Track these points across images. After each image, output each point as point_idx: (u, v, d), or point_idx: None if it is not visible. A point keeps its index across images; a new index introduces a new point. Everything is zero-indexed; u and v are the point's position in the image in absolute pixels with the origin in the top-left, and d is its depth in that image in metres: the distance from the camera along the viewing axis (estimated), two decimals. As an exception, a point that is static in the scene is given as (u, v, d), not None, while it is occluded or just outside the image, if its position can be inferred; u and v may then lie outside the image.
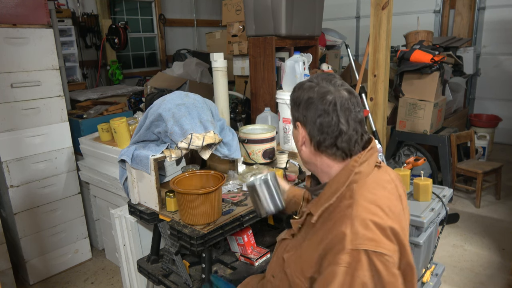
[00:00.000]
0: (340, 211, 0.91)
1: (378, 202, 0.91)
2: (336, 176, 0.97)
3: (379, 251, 0.83)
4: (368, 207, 0.89)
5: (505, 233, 3.01)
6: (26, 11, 2.32)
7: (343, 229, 0.85)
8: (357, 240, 0.83)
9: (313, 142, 0.99)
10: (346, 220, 0.87)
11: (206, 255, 1.51)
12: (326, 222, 0.93)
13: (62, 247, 2.68)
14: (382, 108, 2.66)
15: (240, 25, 3.54)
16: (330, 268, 0.84)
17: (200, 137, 1.61)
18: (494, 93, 5.34)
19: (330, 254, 0.86)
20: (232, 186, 1.83)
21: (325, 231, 0.91)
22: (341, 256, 0.83)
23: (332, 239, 0.87)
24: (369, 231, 0.85)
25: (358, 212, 0.87)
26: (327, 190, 0.97)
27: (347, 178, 0.94)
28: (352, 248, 0.83)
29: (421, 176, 1.79)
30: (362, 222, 0.86)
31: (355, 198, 0.91)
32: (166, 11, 6.64)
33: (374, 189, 0.94)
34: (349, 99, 0.96)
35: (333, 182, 0.97)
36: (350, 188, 0.93)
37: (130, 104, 4.00)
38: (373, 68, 2.56)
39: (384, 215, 0.89)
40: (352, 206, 0.89)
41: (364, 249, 0.82)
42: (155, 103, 1.70)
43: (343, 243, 0.84)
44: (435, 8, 5.58)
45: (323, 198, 0.97)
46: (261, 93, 2.72)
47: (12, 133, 2.35)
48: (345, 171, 0.96)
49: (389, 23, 2.47)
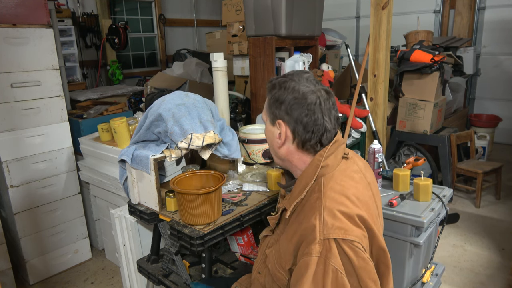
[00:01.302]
0: (310, 204, 0.95)
1: (345, 192, 0.95)
2: (305, 171, 1.01)
3: (348, 238, 0.87)
4: (335, 198, 0.93)
5: (505, 233, 3.01)
6: (26, 11, 2.32)
7: (313, 221, 0.90)
8: (326, 230, 0.88)
9: (296, 140, 1.01)
10: (315, 212, 0.91)
11: (206, 255, 1.51)
12: (298, 215, 0.98)
13: (62, 247, 2.68)
14: (382, 108, 2.66)
15: (240, 25, 3.54)
16: (303, 259, 0.88)
17: (200, 137, 1.61)
18: (494, 93, 5.34)
19: (303, 246, 0.90)
20: (232, 186, 1.83)
21: (297, 224, 0.96)
22: (312, 247, 0.87)
23: (304, 231, 0.91)
24: (337, 220, 0.89)
25: (325, 203, 0.92)
26: (297, 185, 1.01)
27: (315, 172, 0.98)
28: (322, 238, 0.87)
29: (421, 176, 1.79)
30: (330, 212, 0.90)
31: (322, 190, 0.95)
32: (166, 11, 6.64)
33: (341, 180, 0.98)
34: (329, 98, 1.01)
35: (302, 177, 1.01)
36: (318, 182, 0.98)
37: (130, 104, 3.99)
38: (373, 68, 2.56)
39: (351, 204, 0.94)
40: (320, 198, 0.94)
41: (334, 238, 0.87)
42: (155, 103, 1.70)
43: (314, 234, 0.88)
44: (435, 8, 5.58)
45: (294, 193, 1.01)
46: (261, 93, 2.72)
47: (12, 133, 2.35)
48: (312, 166, 1.00)
49: (389, 23, 2.47)
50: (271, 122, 1.05)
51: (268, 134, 1.08)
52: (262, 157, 2.06)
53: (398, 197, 1.69)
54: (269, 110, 1.05)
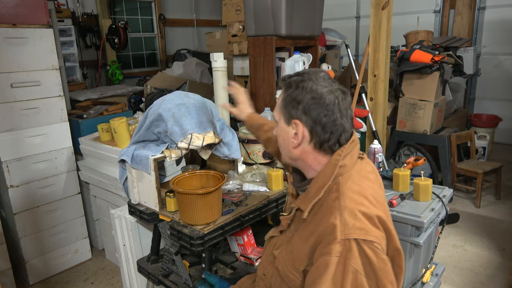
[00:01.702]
0: (328, 204, 0.94)
1: (363, 193, 0.95)
2: (322, 171, 1.00)
3: (368, 239, 0.86)
4: (355, 198, 0.93)
5: (505, 233, 3.01)
6: (26, 11, 2.32)
7: (333, 221, 0.89)
8: (347, 230, 0.87)
9: (314, 140, 0.99)
10: (335, 211, 0.90)
11: (206, 255, 1.51)
12: (316, 215, 0.96)
13: (62, 247, 2.68)
14: (382, 108, 2.66)
15: (240, 25, 3.54)
16: (322, 259, 0.86)
17: (200, 137, 1.61)
18: (494, 93, 5.33)
19: (321, 246, 0.89)
20: (232, 186, 1.83)
21: (314, 224, 0.94)
22: (332, 246, 0.86)
23: (323, 231, 0.90)
24: (358, 220, 0.88)
25: (345, 203, 0.91)
26: (314, 185, 1.00)
27: (333, 172, 0.97)
28: (343, 238, 0.86)
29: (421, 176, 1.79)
30: (351, 213, 0.89)
31: (341, 190, 0.94)
32: (166, 11, 6.64)
33: (359, 180, 0.98)
34: (345, 97, 1.00)
35: (319, 177, 0.99)
36: (336, 182, 0.97)
37: (130, 104, 3.99)
38: (373, 68, 2.56)
39: (370, 204, 0.93)
40: (339, 198, 0.92)
41: (354, 238, 0.86)
42: (155, 103, 1.70)
43: (334, 234, 0.87)
44: (435, 8, 5.58)
45: (311, 193, 0.99)
46: (261, 93, 2.72)
47: (12, 133, 2.35)
48: (330, 166, 0.99)
49: (389, 23, 2.47)
50: (286, 122, 1.02)
51: (282, 133, 1.05)
52: (262, 157, 2.06)
53: (398, 197, 1.69)
54: (284, 109, 1.02)
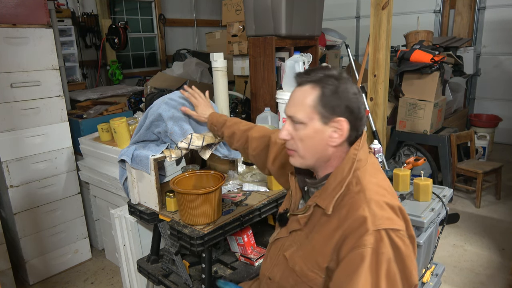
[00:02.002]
0: (351, 198, 0.95)
1: (381, 185, 0.98)
2: (340, 166, 0.99)
3: (395, 228, 0.90)
4: (377, 190, 0.95)
5: (505, 233, 3.01)
6: (26, 11, 2.32)
7: (362, 213, 0.90)
8: (377, 221, 0.89)
9: (351, 136, 0.99)
10: (361, 204, 0.92)
11: (206, 255, 1.51)
12: (339, 210, 0.96)
13: (62, 247, 2.68)
14: (382, 108, 2.66)
15: (240, 25, 3.54)
16: (356, 251, 0.87)
17: (200, 137, 1.61)
18: (494, 93, 5.33)
19: (350, 239, 0.90)
20: (232, 186, 1.83)
21: (339, 219, 0.95)
22: (365, 238, 0.87)
23: (351, 225, 0.91)
24: (385, 211, 0.92)
25: (370, 195, 0.93)
26: (332, 180, 0.99)
27: (351, 167, 0.97)
28: (374, 229, 0.88)
29: (421, 176, 1.79)
30: (377, 204, 0.92)
31: (362, 183, 0.96)
32: (166, 11, 6.64)
33: (374, 173, 1.00)
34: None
35: (338, 172, 0.99)
36: (355, 175, 0.97)
37: (130, 104, 3.99)
38: (373, 68, 2.56)
39: (389, 195, 0.97)
40: (363, 191, 0.94)
41: (384, 228, 0.88)
42: (155, 103, 1.70)
43: (365, 226, 0.88)
44: (435, 8, 5.58)
45: (329, 189, 0.99)
46: (261, 93, 2.72)
47: (12, 133, 2.35)
48: (348, 160, 0.99)
49: (389, 23, 2.47)
50: (323, 121, 0.97)
51: (314, 135, 0.98)
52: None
53: (398, 197, 1.69)
54: (322, 108, 0.96)
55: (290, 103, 1.02)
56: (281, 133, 1.03)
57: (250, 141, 1.41)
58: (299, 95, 0.99)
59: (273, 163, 1.33)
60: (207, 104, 1.63)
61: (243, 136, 1.44)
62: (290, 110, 1.01)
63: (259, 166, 1.43)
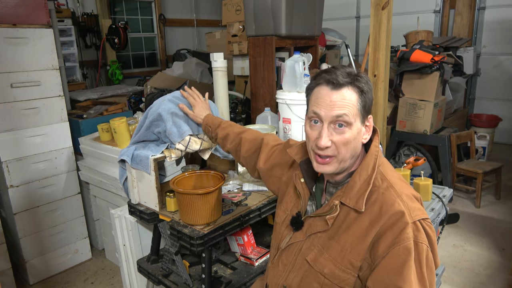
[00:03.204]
0: (381, 194, 0.97)
1: (401, 178, 1.03)
2: (364, 164, 1.01)
3: (425, 217, 0.95)
4: (401, 184, 0.99)
5: (505, 233, 3.01)
6: (26, 11, 2.32)
7: (397, 207, 0.93)
8: (413, 213, 0.93)
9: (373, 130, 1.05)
10: (394, 199, 0.95)
11: (206, 255, 1.51)
12: (370, 207, 0.97)
13: (62, 247, 2.68)
14: (382, 108, 2.65)
15: (240, 25, 3.54)
16: (402, 245, 0.90)
17: (198, 142, 1.62)
18: (494, 93, 5.33)
19: (389, 235, 0.91)
20: (232, 186, 1.83)
21: (372, 216, 0.95)
22: (408, 231, 0.90)
23: (388, 220, 0.93)
24: (415, 203, 0.96)
25: (400, 189, 0.97)
26: (357, 178, 1.00)
27: (375, 164, 1.00)
28: (412, 221, 0.91)
29: (421, 176, 1.79)
30: (408, 197, 0.96)
31: (388, 179, 0.99)
32: (166, 11, 6.64)
33: (391, 168, 1.04)
34: None
35: (362, 170, 1.00)
36: (378, 172, 1.00)
37: (130, 104, 3.99)
38: (373, 68, 2.55)
39: (410, 187, 1.02)
40: (392, 186, 0.97)
41: (419, 219, 0.93)
42: (155, 103, 1.70)
43: (405, 220, 0.91)
44: (435, 8, 5.58)
45: (356, 187, 0.99)
46: (261, 93, 2.72)
47: (12, 133, 2.35)
48: (371, 157, 1.01)
49: (389, 23, 2.46)
50: (361, 121, 0.99)
51: (356, 135, 0.99)
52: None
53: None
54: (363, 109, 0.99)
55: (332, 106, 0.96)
56: (323, 140, 0.97)
57: (243, 143, 1.43)
58: (340, 98, 0.96)
59: (265, 163, 1.33)
60: (205, 105, 1.65)
61: (237, 138, 1.46)
62: (335, 112, 0.96)
63: (249, 168, 1.44)
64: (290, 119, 2.24)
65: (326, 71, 1.01)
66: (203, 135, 1.66)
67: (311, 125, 1.01)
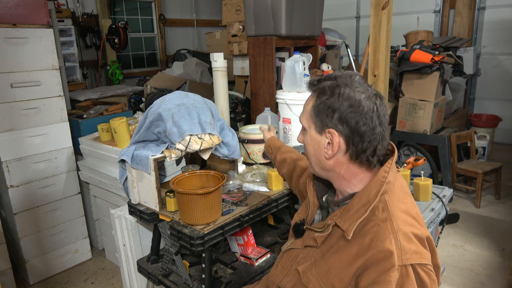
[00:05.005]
0: (376, 225, 0.88)
1: (410, 212, 0.91)
2: (367, 188, 0.93)
3: (423, 262, 0.84)
4: (405, 219, 0.88)
5: (505, 233, 3.01)
6: (26, 11, 2.32)
7: (388, 246, 0.84)
8: (404, 256, 0.83)
9: (350, 151, 0.92)
10: (388, 235, 0.85)
11: (206, 255, 1.51)
12: (361, 237, 0.89)
13: (62, 247, 2.68)
14: (382, 108, 2.65)
15: (240, 25, 3.54)
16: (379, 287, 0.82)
17: (198, 142, 1.62)
18: (494, 93, 5.34)
19: (373, 271, 0.84)
20: (232, 186, 1.83)
21: (361, 246, 0.88)
22: (391, 274, 0.82)
23: (375, 256, 0.85)
24: (413, 244, 0.85)
25: (398, 225, 0.86)
26: (357, 202, 0.92)
27: (379, 190, 0.90)
28: (400, 264, 0.83)
29: (421, 176, 1.79)
30: (405, 236, 0.85)
31: (390, 210, 0.89)
32: (166, 11, 6.65)
33: (403, 198, 0.93)
34: (382, 103, 0.93)
35: (363, 194, 0.92)
36: (382, 200, 0.90)
37: (130, 104, 4.00)
38: (373, 68, 2.55)
39: (418, 224, 0.90)
40: (390, 219, 0.87)
41: (411, 264, 0.83)
42: (155, 103, 1.70)
43: (391, 261, 0.83)
44: (435, 8, 5.58)
45: (352, 210, 0.92)
46: (261, 93, 2.72)
47: (12, 133, 2.35)
48: (376, 182, 0.92)
49: (389, 23, 2.46)
50: (317, 131, 0.95)
51: (312, 143, 0.97)
52: (262, 157, 2.06)
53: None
54: (316, 117, 0.94)
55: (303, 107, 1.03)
56: (298, 136, 1.06)
57: (296, 169, 1.44)
58: (306, 101, 1.00)
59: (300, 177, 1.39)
60: (273, 133, 1.80)
61: (291, 164, 1.48)
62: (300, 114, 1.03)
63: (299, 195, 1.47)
64: (290, 119, 2.24)
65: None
66: (203, 135, 1.66)
67: None
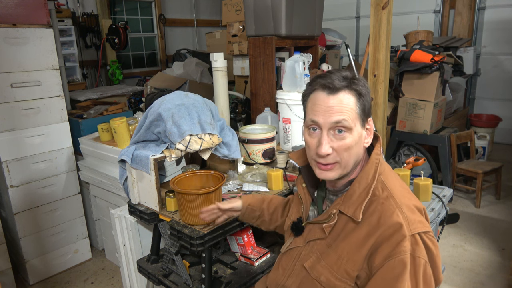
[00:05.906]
0: (380, 204, 0.94)
1: (404, 187, 0.99)
2: (364, 172, 0.98)
3: (426, 230, 0.91)
4: (403, 194, 0.96)
5: (505, 233, 3.01)
6: (26, 11, 2.32)
7: (396, 219, 0.89)
8: (412, 226, 0.89)
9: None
10: (393, 210, 0.91)
11: (206, 255, 1.51)
12: (368, 217, 0.94)
13: (62, 247, 2.68)
14: (382, 108, 2.65)
15: (240, 25, 3.54)
16: (397, 258, 0.87)
17: (198, 142, 1.62)
18: (494, 93, 5.34)
19: (386, 246, 0.89)
20: (232, 186, 1.83)
21: (370, 226, 0.93)
22: (404, 244, 0.87)
23: (386, 231, 0.90)
24: (416, 214, 0.93)
25: (400, 200, 0.93)
26: (357, 186, 0.97)
27: (376, 172, 0.97)
28: (410, 234, 0.88)
29: (421, 176, 1.79)
30: (409, 209, 0.92)
31: (389, 188, 0.95)
32: (166, 11, 6.65)
33: (394, 177, 1.00)
34: None
35: (363, 178, 0.97)
36: (379, 180, 0.97)
37: (130, 104, 4.00)
38: (373, 68, 2.55)
39: (414, 198, 0.98)
40: (392, 196, 0.94)
41: (418, 232, 0.89)
42: (155, 103, 1.70)
43: (402, 232, 0.88)
44: (435, 8, 5.58)
45: (354, 196, 0.97)
46: (261, 93, 2.72)
47: (12, 133, 2.35)
48: (371, 165, 0.98)
49: (389, 23, 2.47)
50: (362, 125, 0.97)
51: (359, 140, 0.97)
52: (262, 157, 2.06)
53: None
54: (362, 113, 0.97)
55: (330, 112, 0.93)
56: (323, 148, 0.94)
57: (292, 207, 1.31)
58: (337, 102, 0.93)
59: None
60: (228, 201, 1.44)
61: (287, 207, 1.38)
62: (333, 118, 0.93)
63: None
64: (290, 119, 2.24)
65: (321, 76, 0.97)
66: (203, 135, 1.66)
67: (310, 133, 0.98)
